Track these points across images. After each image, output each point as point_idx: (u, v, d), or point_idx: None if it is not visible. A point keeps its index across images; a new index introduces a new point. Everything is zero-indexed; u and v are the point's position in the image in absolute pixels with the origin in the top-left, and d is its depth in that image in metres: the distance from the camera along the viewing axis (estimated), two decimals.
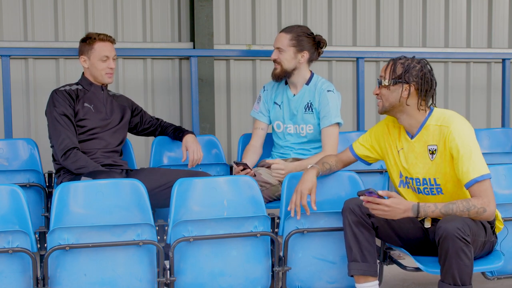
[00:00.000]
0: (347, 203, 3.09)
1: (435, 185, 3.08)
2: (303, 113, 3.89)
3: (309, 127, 3.89)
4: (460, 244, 2.79)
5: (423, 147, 3.08)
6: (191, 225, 3.04)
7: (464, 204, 2.91)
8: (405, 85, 3.03)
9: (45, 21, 5.01)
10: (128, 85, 5.16)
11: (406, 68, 3.03)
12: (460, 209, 2.90)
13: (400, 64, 3.06)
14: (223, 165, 4.14)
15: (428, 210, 2.92)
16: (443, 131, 3.01)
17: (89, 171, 3.48)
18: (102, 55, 3.74)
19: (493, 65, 6.11)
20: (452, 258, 2.81)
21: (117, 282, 2.97)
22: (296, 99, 3.92)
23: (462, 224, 2.83)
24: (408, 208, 2.91)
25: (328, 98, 3.83)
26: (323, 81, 3.91)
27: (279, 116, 3.97)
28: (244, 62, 5.44)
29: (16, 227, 2.96)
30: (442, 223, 2.86)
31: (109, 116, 3.81)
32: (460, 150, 2.95)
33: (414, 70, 3.03)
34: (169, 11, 5.28)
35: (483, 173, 2.92)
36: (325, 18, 5.69)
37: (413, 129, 3.12)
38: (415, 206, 2.92)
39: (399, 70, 3.05)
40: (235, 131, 5.42)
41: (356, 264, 3.05)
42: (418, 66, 3.04)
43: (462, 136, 2.97)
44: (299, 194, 3.15)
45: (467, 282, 2.85)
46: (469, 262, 2.83)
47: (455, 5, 6.05)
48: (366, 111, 5.12)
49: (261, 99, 4.05)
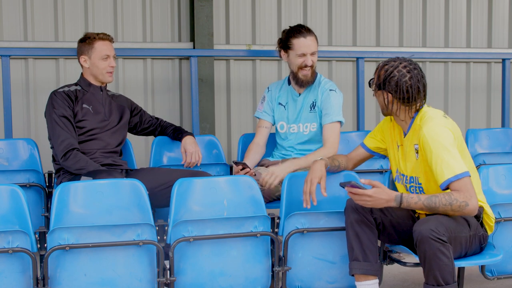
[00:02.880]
0: (350, 202, 3.09)
1: (417, 184, 3.12)
2: (308, 112, 3.93)
3: (312, 126, 3.93)
4: (436, 245, 2.80)
5: (411, 146, 3.12)
6: (191, 225, 3.03)
7: (447, 198, 2.90)
8: (384, 93, 3.07)
9: (45, 21, 5.01)
10: (128, 85, 5.16)
11: (386, 76, 3.05)
12: (443, 203, 2.90)
13: (384, 71, 3.08)
14: (223, 165, 4.14)
15: (411, 201, 2.93)
16: (419, 132, 3.05)
17: (90, 171, 3.48)
18: (103, 54, 3.75)
19: (493, 65, 6.11)
20: (431, 260, 2.82)
21: (117, 282, 2.96)
22: (301, 99, 3.96)
23: (436, 224, 2.83)
24: (391, 198, 2.93)
25: (330, 96, 3.88)
26: (326, 81, 3.97)
27: (283, 116, 3.99)
28: (244, 62, 5.45)
29: (16, 227, 2.96)
30: (416, 226, 2.87)
31: (108, 117, 3.80)
32: (433, 151, 2.96)
33: (393, 80, 3.03)
34: (169, 11, 5.28)
35: (458, 172, 2.91)
36: (325, 18, 5.69)
37: (405, 128, 3.17)
38: (398, 196, 2.93)
39: (381, 77, 3.08)
40: (235, 131, 5.42)
41: (357, 263, 3.05)
42: (397, 75, 3.03)
43: (433, 138, 2.97)
44: (309, 183, 3.21)
45: (450, 281, 2.85)
46: (448, 261, 2.83)
47: (455, 5, 6.05)
48: (366, 111, 5.12)
49: (265, 99, 4.07)
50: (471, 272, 3.81)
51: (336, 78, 5.67)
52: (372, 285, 3.08)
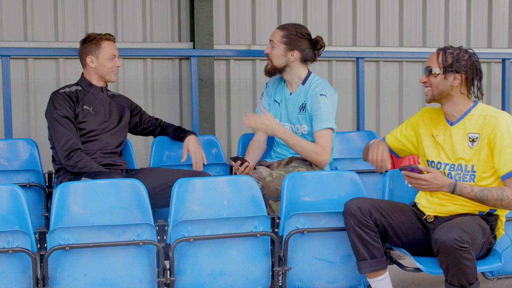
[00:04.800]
0: (348, 207, 3.10)
1: (470, 172, 3.13)
2: (298, 113, 3.88)
3: (303, 128, 3.87)
4: (460, 253, 2.83)
5: (463, 135, 3.14)
6: (191, 225, 3.04)
7: (499, 194, 2.98)
8: (455, 74, 3.12)
9: (45, 21, 5.01)
10: (128, 85, 5.16)
11: (456, 58, 3.12)
12: (494, 198, 2.98)
13: (450, 53, 3.14)
14: (223, 165, 4.14)
15: (464, 190, 3.01)
16: (488, 120, 3.08)
17: (92, 171, 3.48)
18: (111, 54, 3.78)
19: (493, 65, 6.10)
20: (456, 267, 2.86)
21: (117, 282, 2.97)
22: (292, 98, 3.92)
23: (458, 232, 2.85)
24: (445, 184, 3.01)
25: (320, 102, 3.78)
26: (318, 83, 3.86)
27: (277, 114, 3.97)
28: (244, 62, 5.44)
29: (16, 227, 2.96)
30: (437, 235, 2.88)
31: (108, 118, 3.81)
32: (505, 140, 3.02)
33: (463, 59, 3.12)
34: (169, 11, 5.28)
35: None
36: (325, 18, 5.68)
37: (454, 116, 3.18)
38: (452, 183, 3.01)
39: (449, 60, 3.13)
40: (235, 131, 5.41)
41: (365, 263, 3.09)
42: (467, 55, 3.13)
43: (509, 127, 3.04)
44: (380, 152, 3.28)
45: (473, 281, 2.91)
46: (472, 263, 2.87)
47: (455, 5, 6.04)
48: (366, 111, 5.12)
49: (264, 95, 4.06)
50: None
51: (336, 78, 5.67)
52: (383, 279, 3.14)
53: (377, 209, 3.08)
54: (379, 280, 3.13)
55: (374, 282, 3.15)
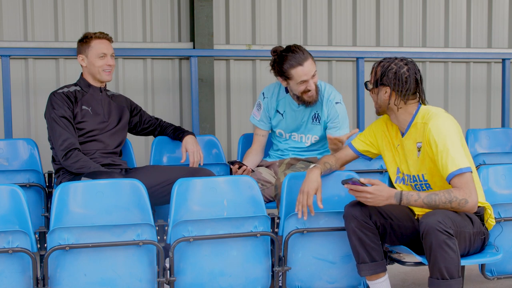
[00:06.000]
0: (348, 210, 3.10)
1: (423, 181, 3.13)
2: (310, 124, 3.87)
3: (314, 138, 3.89)
4: (442, 237, 2.82)
5: (413, 145, 3.14)
6: (191, 225, 3.04)
7: (446, 196, 2.95)
8: (384, 88, 3.10)
9: (45, 21, 5.01)
10: (128, 85, 5.16)
11: (383, 71, 3.10)
12: (443, 201, 2.94)
13: (380, 67, 3.13)
14: (223, 165, 4.14)
15: (410, 199, 2.97)
16: (424, 128, 3.07)
17: (90, 171, 3.47)
18: (100, 52, 3.75)
19: (493, 65, 6.10)
20: (436, 252, 2.84)
21: (117, 282, 2.97)
22: (302, 110, 3.86)
23: (443, 217, 2.86)
24: (391, 195, 2.97)
25: (337, 110, 3.81)
26: (330, 91, 3.83)
27: (281, 125, 3.94)
28: (244, 62, 5.44)
29: (16, 227, 2.96)
30: (424, 218, 2.90)
31: (107, 118, 3.80)
32: (438, 146, 2.99)
33: (391, 72, 3.09)
34: (169, 11, 5.28)
35: (461, 166, 2.95)
36: (325, 18, 5.68)
37: (403, 128, 3.18)
38: (398, 193, 2.98)
39: (378, 73, 3.12)
40: (235, 131, 5.41)
41: (365, 266, 3.09)
42: (395, 67, 3.09)
43: (439, 132, 3.01)
44: (305, 194, 3.16)
45: (455, 275, 2.86)
46: (454, 254, 2.84)
47: (455, 5, 6.04)
48: (366, 111, 5.12)
49: (262, 108, 3.96)
50: (471, 272, 3.82)
51: (336, 78, 5.67)
52: (383, 281, 3.14)
53: (376, 210, 3.07)
54: (379, 283, 3.13)
55: (374, 285, 3.15)
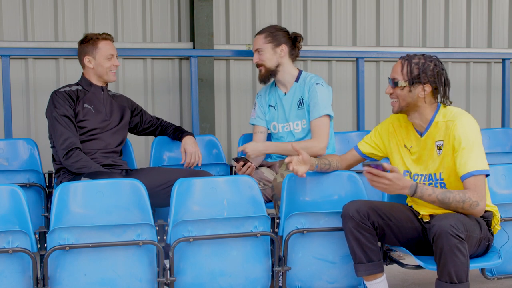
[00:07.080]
0: (346, 210, 3.09)
1: (439, 180, 3.12)
2: (296, 110, 3.89)
3: (303, 123, 3.88)
4: (454, 241, 2.81)
5: (433, 144, 3.13)
6: (191, 225, 3.04)
7: (461, 195, 2.96)
8: (423, 85, 3.09)
9: (45, 21, 5.01)
10: (128, 85, 5.16)
11: (422, 68, 3.09)
12: (457, 199, 2.96)
13: (415, 64, 3.11)
14: (223, 165, 4.14)
15: (425, 192, 2.98)
16: (449, 126, 3.07)
17: (91, 171, 3.48)
18: (108, 54, 3.77)
19: (493, 65, 6.10)
20: (447, 256, 2.83)
21: (117, 282, 2.97)
22: (287, 97, 3.92)
23: (456, 221, 2.85)
24: (406, 186, 2.98)
25: (316, 90, 3.81)
26: (312, 76, 3.90)
27: (274, 117, 3.97)
28: (244, 62, 5.44)
29: (16, 227, 2.96)
30: (436, 221, 2.89)
31: (109, 117, 3.81)
32: (462, 143, 3.00)
33: (429, 69, 3.10)
34: (169, 11, 5.28)
35: (481, 168, 2.97)
36: (325, 18, 5.68)
37: (422, 126, 3.17)
38: (414, 185, 2.98)
39: (415, 71, 3.10)
40: (235, 131, 5.42)
41: (362, 266, 3.08)
42: (432, 64, 3.11)
43: (466, 130, 3.02)
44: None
45: (464, 279, 2.86)
46: (464, 259, 2.84)
47: (455, 5, 6.04)
48: (366, 111, 5.12)
49: (257, 105, 4.05)
50: (471, 272, 3.80)
51: (336, 78, 5.67)
52: (380, 282, 3.13)
53: (375, 211, 3.07)
54: (376, 283, 3.12)
55: (371, 285, 3.13)
